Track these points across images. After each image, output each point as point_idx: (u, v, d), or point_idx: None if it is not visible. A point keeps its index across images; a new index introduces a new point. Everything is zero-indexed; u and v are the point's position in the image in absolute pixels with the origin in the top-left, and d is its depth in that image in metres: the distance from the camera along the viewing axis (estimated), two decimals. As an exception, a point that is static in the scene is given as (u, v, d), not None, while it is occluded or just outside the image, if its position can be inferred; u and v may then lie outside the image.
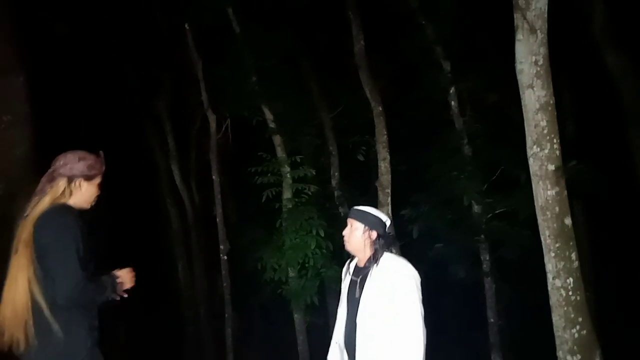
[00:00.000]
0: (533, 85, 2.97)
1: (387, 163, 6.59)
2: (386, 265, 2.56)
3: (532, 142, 3.04)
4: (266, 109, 6.60)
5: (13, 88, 3.83)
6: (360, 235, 2.60)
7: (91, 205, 2.39)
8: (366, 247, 2.60)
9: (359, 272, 2.65)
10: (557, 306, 3.06)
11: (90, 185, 2.34)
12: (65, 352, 2.11)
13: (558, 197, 3.01)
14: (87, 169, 2.31)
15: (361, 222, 2.62)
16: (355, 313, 2.57)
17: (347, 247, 2.66)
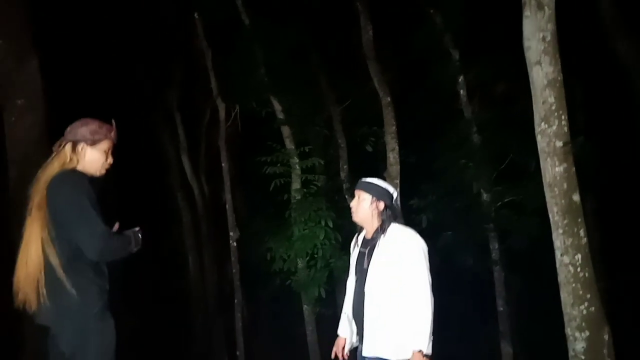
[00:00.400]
0: (541, 62, 2.97)
1: (396, 154, 6.60)
2: (393, 236, 2.60)
3: (540, 119, 3.04)
4: (275, 100, 6.64)
5: (27, 73, 3.91)
6: (368, 206, 2.63)
7: (101, 173, 2.41)
8: (374, 218, 2.63)
9: (367, 243, 2.69)
10: (565, 283, 3.06)
11: (95, 150, 2.36)
12: (77, 310, 2.17)
13: (566, 174, 3.01)
14: (90, 134, 2.34)
15: (369, 193, 2.65)
16: (363, 283, 2.61)
17: (354, 218, 2.70)
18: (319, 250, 6.12)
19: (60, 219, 2.17)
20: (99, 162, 2.39)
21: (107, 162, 2.42)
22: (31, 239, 2.20)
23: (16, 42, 3.88)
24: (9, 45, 3.89)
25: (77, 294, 2.15)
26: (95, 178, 2.41)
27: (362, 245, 2.73)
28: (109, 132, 2.40)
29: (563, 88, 3.01)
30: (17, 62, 3.87)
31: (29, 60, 3.93)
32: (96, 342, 2.19)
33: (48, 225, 2.18)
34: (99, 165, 2.40)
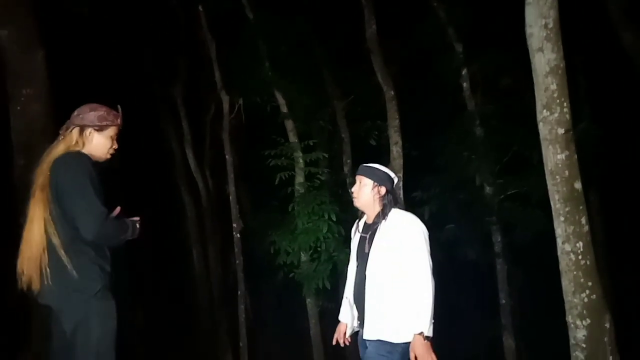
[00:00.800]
0: (543, 49, 2.97)
1: (399, 147, 6.60)
2: (394, 221, 2.60)
3: (541, 106, 3.04)
4: (279, 94, 6.66)
5: (33, 63, 3.94)
6: (369, 191, 2.64)
7: (106, 158, 2.45)
8: (375, 203, 2.64)
9: (368, 228, 2.70)
10: (566, 271, 3.06)
11: (102, 136, 2.40)
12: (78, 289, 2.20)
13: (568, 161, 3.01)
14: (98, 120, 2.39)
15: (370, 177, 2.65)
16: (364, 268, 2.62)
17: (355, 203, 2.71)
18: (322, 243, 6.14)
19: (61, 198, 2.20)
20: (105, 147, 2.43)
21: (112, 147, 2.46)
22: (34, 219, 2.23)
23: (23, 32, 3.92)
24: (16, 36, 3.92)
25: (78, 274, 2.18)
26: (99, 163, 2.45)
27: (363, 230, 2.73)
28: (116, 119, 2.45)
29: (565, 75, 3.01)
30: (23, 52, 3.91)
31: (35, 51, 3.96)
32: (97, 322, 2.22)
33: (50, 205, 2.21)
34: (105, 151, 2.44)
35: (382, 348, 2.53)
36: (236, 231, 6.61)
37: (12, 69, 3.91)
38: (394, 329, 2.53)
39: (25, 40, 3.90)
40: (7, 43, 3.90)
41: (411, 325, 2.48)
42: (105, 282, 2.27)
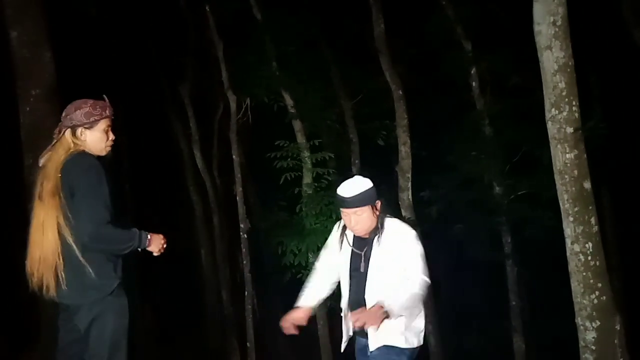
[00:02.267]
0: (551, 47, 2.93)
1: (408, 147, 6.58)
2: (389, 232, 2.43)
3: (550, 105, 3.00)
4: (286, 94, 6.66)
5: (41, 64, 3.98)
6: (369, 216, 2.39)
7: (107, 152, 2.40)
8: (374, 221, 2.43)
9: (361, 243, 2.49)
10: (575, 272, 3.01)
11: (94, 132, 2.35)
12: (95, 288, 2.24)
13: (577, 161, 2.96)
14: (85, 117, 2.33)
15: (367, 204, 2.38)
16: (362, 288, 2.43)
17: (358, 233, 2.46)
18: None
19: (75, 199, 2.21)
20: (100, 142, 2.38)
21: (109, 140, 2.41)
22: (46, 225, 2.24)
23: (31, 33, 3.96)
24: (25, 37, 3.96)
25: (95, 273, 2.21)
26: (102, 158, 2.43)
27: (356, 245, 2.50)
28: (104, 111, 2.37)
29: (574, 73, 2.97)
30: (32, 53, 3.94)
31: (44, 52, 4.00)
32: (113, 318, 2.26)
33: (63, 210, 2.21)
34: (102, 145, 2.39)
35: (391, 351, 2.44)
36: (243, 231, 6.62)
37: (21, 70, 3.95)
38: (403, 336, 2.44)
39: (34, 42, 3.93)
40: (16, 44, 3.94)
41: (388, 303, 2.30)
42: (120, 279, 2.29)
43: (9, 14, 3.90)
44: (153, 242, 2.32)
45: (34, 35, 3.93)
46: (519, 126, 5.56)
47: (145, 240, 2.31)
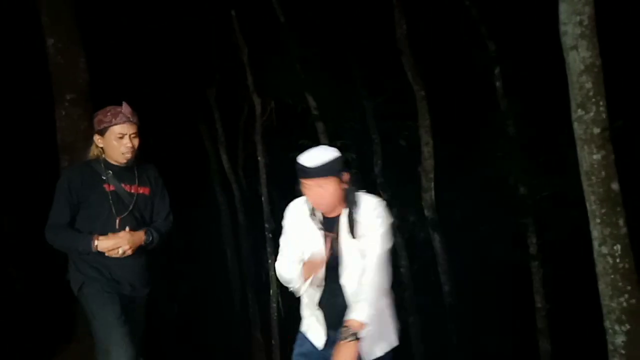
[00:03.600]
0: (577, 47, 2.90)
1: (430, 148, 6.57)
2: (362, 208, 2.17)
3: (576, 106, 2.96)
4: (310, 96, 6.73)
5: (75, 69, 4.14)
6: (335, 189, 2.11)
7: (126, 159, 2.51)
8: (342, 196, 2.16)
9: (330, 223, 2.21)
10: (603, 274, 2.97)
11: (106, 139, 2.47)
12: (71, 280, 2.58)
13: (604, 162, 2.92)
14: (97, 125, 2.50)
15: (332, 175, 2.10)
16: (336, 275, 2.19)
17: (323, 209, 2.18)
18: (353, 243, 6.14)
19: None
20: (115, 149, 2.46)
21: (125, 146, 2.45)
22: None
23: (66, 40, 4.12)
24: (60, 44, 4.13)
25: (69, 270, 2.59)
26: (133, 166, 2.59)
27: (326, 226, 2.20)
28: (115, 118, 2.42)
29: (602, 73, 2.93)
30: (67, 59, 4.11)
31: (78, 58, 4.16)
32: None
33: None
34: (117, 152, 2.48)
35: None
36: (268, 231, 6.73)
37: (56, 75, 4.12)
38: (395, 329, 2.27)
39: (69, 48, 4.10)
40: (52, 51, 4.11)
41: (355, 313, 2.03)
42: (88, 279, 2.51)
43: (46, 22, 4.08)
44: (100, 245, 2.43)
45: (69, 43, 4.10)
46: (543, 126, 5.48)
47: (89, 244, 2.42)
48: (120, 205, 2.51)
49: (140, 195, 2.61)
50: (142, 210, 2.63)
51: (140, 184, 2.63)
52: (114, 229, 2.48)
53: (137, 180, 2.61)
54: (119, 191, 2.50)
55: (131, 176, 2.60)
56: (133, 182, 2.59)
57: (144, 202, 2.65)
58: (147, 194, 2.65)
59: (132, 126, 2.47)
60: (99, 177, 2.50)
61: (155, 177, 2.73)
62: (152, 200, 2.68)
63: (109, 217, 2.49)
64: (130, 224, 2.53)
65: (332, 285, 2.18)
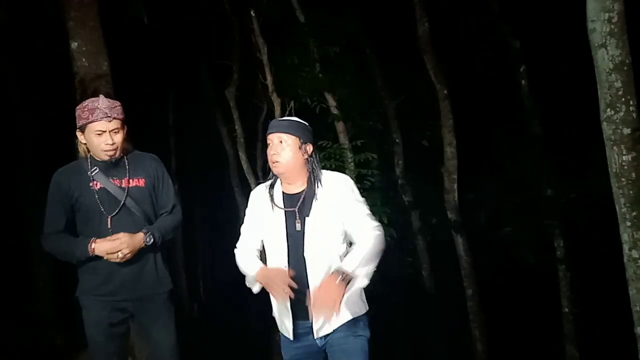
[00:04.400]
0: (606, 45, 2.79)
1: (453, 148, 6.47)
2: (324, 183, 2.16)
3: (605, 105, 2.86)
4: (329, 95, 6.69)
5: (99, 72, 4.19)
6: (295, 151, 2.12)
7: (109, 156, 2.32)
8: (302, 167, 2.15)
9: (292, 200, 2.18)
10: (633, 279, 2.86)
11: (86, 135, 2.31)
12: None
13: (635, 163, 2.81)
14: (77, 120, 2.34)
15: (294, 134, 2.13)
16: (300, 250, 2.13)
17: (277, 169, 2.16)
18: (373, 245, 6.08)
19: None
20: (94, 146, 2.31)
21: (105, 144, 2.29)
22: None
23: (91, 44, 4.17)
24: (84, 47, 4.18)
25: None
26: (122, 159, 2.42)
27: (287, 203, 2.17)
28: (92, 114, 2.26)
29: (632, 71, 2.82)
30: (90, 62, 4.15)
31: (101, 61, 4.20)
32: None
33: None
34: (97, 149, 2.31)
35: (355, 327, 2.14)
36: (287, 232, 6.68)
37: (80, 79, 4.17)
38: (361, 299, 2.17)
39: (93, 51, 4.14)
40: (76, 54, 4.16)
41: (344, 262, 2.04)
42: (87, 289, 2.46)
43: (70, 26, 4.14)
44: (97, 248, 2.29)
45: (93, 46, 4.14)
46: (570, 125, 5.34)
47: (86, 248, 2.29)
48: (110, 203, 2.33)
49: (132, 189, 2.39)
50: (140, 203, 2.41)
51: (133, 175, 2.41)
52: (106, 229, 2.32)
53: (128, 173, 2.40)
54: (108, 187, 2.32)
55: (121, 169, 2.39)
56: (124, 175, 2.39)
57: (140, 194, 2.42)
58: (141, 186, 2.43)
59: (112, 122, 2.28)
60: (86, 176, 2.33)
61: (154, 167, 2.49)
62: (151, 191, 2.46)
63: (100, 217, 2.33)
64: (125, 222, 2.35)
65: (295, 259, 2.14)
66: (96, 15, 4.21)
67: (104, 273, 2.39)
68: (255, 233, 2.28)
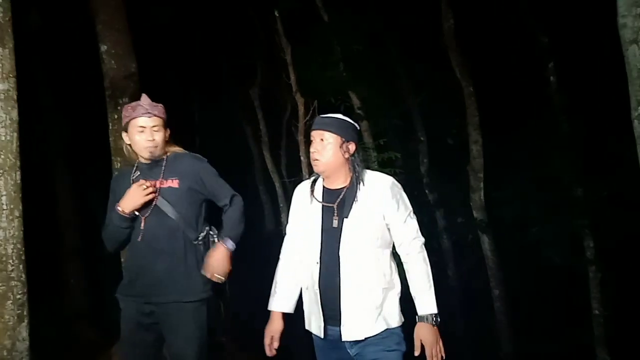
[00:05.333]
0: (637, 40, 2.69)
1: (479, 146, 6.38)
2: (367, 182, 2.12)
3: (636, 102, 2.75)
4: (353, 94, 6.68)
5: (127, 74, 4.28)
6: (336, 150, 2.09)
7: (151, 155, 2.35)
8: (343, 165, 2.12)
9: (331, 195, 2.15)
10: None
11: (130, 133, 2.36)
12: None
13: (668, 162, 2.72)
14: (122, 121, 2.39)
15: (336, 132, 2.10)
16: (334, 248, 2.09)
17: (318, 167, 2.13)
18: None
19: None
20: (137, 144, 2.35)
21: (146, 140, 2.32)
22: None
23: (119, 46, 4.27)
24: (113, 50, 4.28)
25: None
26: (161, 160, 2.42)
27: (326, 199, 2.15)
28: (134, 110, 2.32)
29: (665, 67, 2.72)
30: (119, 64, 4.25)
31: (129, 63, 4.29)
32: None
33: None
34: (140, 147, 2.35)
35: (389, 341, 2.08)
36: (311, 230, 6.71)
37: (110, 80, 4.27)
38: (396, 311, 2.10)
39: (121, 53, 4.24)
40: (106, 57, 4.27)
41: (420, 303, 2.04)
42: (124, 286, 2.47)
43: (99, 29, 4.24)
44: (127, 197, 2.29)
45: (121, 49, 4.24)
46: (600, 123, 5.18)
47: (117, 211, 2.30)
48: (144, 204, 2.33)
49: (165, 190, 2.37)
50: (174, 204, 2.36)
51: (167, 176, 2.40)
52: (139, 229, 2.34)
53: (162, 174, 2.39)
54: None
55: (158, 170, 2.39)
56: (158, 176, 2.38)
57: (174, 195, 2.38)
58: (175, 187, 2.39)
59: (152, 119, 2.32)
60: (129, 179, 2.39)
61: (194, 167, 2.45)
62: (192, 192, 2.41)
63: (137, 218, 2.34)
64: (157, 223, 2.34)
65: (329, 256, 2.10)
66: (124, 19, 4.31)
67: (132, 273, 2.41)
68: (296, 230, 2.27)
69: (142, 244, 2.35)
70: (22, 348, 2.55)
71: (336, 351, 2.17)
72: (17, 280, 2.56)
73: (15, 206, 2.58)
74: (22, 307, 2.56)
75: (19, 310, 2.54)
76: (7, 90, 2.60)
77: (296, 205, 2.27)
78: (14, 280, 2.55)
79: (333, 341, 2.15)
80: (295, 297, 2.28)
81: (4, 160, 2.57)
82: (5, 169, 2.57)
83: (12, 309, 2.52)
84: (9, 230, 2.55)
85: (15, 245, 2.57)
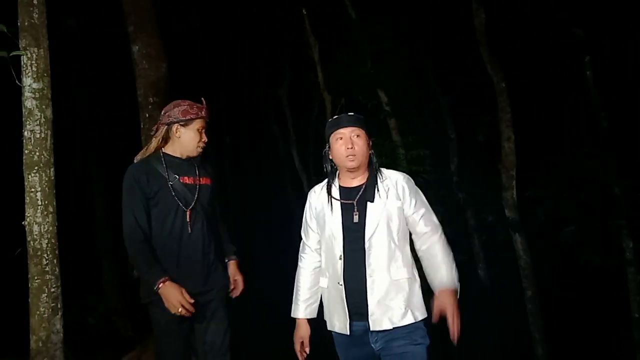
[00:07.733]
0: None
1: (512, 143, 6.20)
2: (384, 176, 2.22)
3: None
4: (381, 92, 6.62)
5: (158, 74, 4.36)
6: (366, 145, 2.20)
7: (198, 152, 2.53)
8: (367, 159, 2.22)
9: (349, 193, 2.22)
10: None
11: (188, 130, 2.48)
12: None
13: None
14: (182, 114, 2.47)
15: (364, 129, 2.22)
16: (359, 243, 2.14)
17: (353, 162, 2.17)
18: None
19: None
20: (193, 141, 2.49)
21: (201, 140, 2.51)
22: None
23: (150, 47, 4.35)
24: (144, 50, 4.37)
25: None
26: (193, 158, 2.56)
27: (344, 196, 2.21)
28: (200, 111, 2.49)
29: None
30: (150, 64, 4.34)
31: (160, 63, 4.38)
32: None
33: None
34: (194, 145, 2.50)
35: (415, 335, 2.12)
36: (339, 229, 6.68)
37: (141, 80, 4.36)
38: (421, 302, 2.16)
39: (152, 54, 4.32)
40: (137, 57, 4.36)
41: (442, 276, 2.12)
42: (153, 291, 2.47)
43: (131, 30, 4.34)
44: (164, 293, 2.29)
45: (152, 49, 4.33)
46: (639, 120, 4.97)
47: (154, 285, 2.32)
48: (185, 199, 2.46)
49: (202, 186, 2.55)
50: (205, 202, 2.55)
51: (201, 174, 2.58)
52: (185, 223, 2.42)
53: (197, 172, 2.56)
54: (180, 184, 2.47)
55: (191, 168, 2.54)
56: (194, 173, 2.54)
57: (207, 193, 2.57)
58: (209, 184, 2.59)
59: (206, 123, 2.56)
60: (160, 172, 2.46)
61: (213, 169, 2.70)
62: (215, 192, 2.64)
63: (178, 212, 2.43)
64: (197, 217, 2.48)
65: (353, 254, 2.16)
66: (154, 21, 4.40)
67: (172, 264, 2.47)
68: (313, 233, 2.33)
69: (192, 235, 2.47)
70: (56, 340, 2.62)
71: (359, 347, 2.20)
72: (51, 274, 2.64)
73: (50, 202, 2.66)
74: (57, 300, 2.64)
75: (53, 303, 2.62)
76: (41, 89, 2.68)
77: (312, 209, 2.32)
78: (49, 274, 2.63)
79: (357, 337, 2.20)
80: (317, 300, 2.35)
81: (39, 157, 2.65)
82: (40, 165, 2.65)
83: (46, 301, 2.60)
84: (44, 225, 2.62)
85: (50, 240, 2.64)
